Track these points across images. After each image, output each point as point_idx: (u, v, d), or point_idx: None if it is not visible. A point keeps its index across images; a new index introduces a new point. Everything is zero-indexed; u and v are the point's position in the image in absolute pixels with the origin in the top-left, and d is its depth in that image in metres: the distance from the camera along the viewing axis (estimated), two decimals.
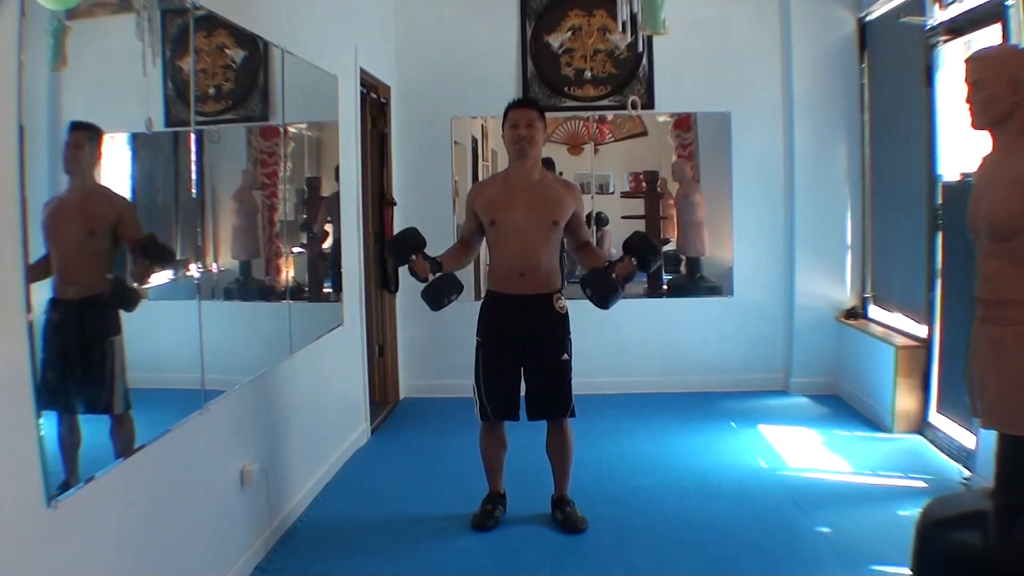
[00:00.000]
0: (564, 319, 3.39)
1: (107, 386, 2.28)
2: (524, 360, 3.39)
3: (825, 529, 3.36)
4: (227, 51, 3.05)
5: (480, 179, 5.70)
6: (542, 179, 3.43)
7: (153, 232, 2.54)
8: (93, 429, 2.22)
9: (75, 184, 2.15)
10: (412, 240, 3.32)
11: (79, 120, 2.16)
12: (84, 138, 2.18)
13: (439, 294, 3.30)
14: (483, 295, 3.52)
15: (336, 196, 4.27)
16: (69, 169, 2.11)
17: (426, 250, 3.30)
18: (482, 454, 3.54)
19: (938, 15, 4.17)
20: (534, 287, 3.33)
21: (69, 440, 2.09)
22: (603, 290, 3.26)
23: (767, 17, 5.44)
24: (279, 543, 3.30)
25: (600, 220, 5.55)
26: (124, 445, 2.29)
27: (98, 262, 2.29)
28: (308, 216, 4.08)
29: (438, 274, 3.29)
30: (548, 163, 5.37)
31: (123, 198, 2.40)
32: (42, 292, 1.97)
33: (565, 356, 3.39)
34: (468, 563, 3.18)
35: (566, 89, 5.54)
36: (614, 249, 5.71)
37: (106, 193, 2.32)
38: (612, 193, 5.66)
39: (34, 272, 1.88)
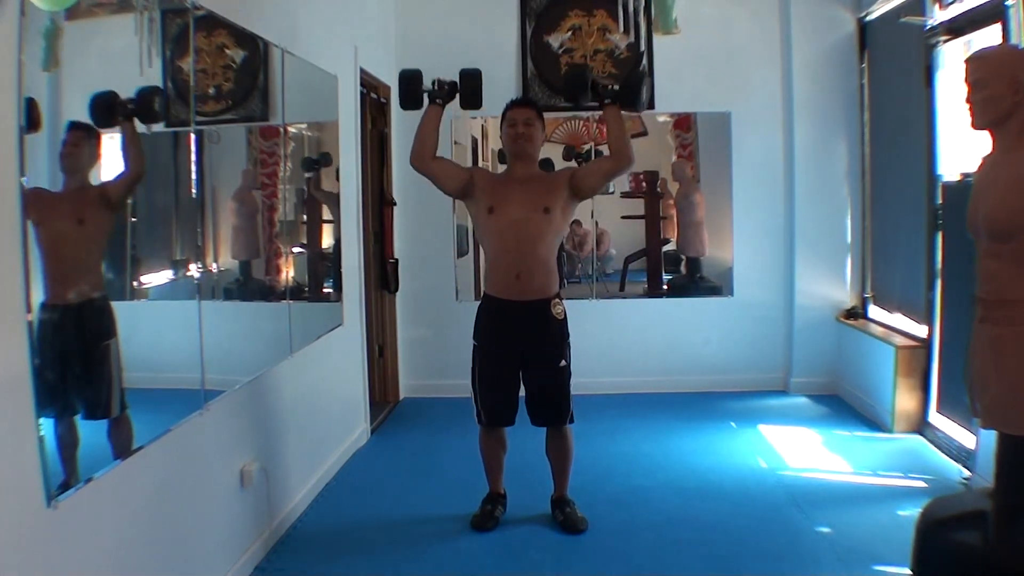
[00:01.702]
0: (562, 325, 3.38)
1: (103, 390, 2.27)
2: (523, 366, 3.39)
3: (825, 529, 3.36)
4: (227, 51, 3.05)
5: None
6: (536, 175, 3.44)
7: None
8: (92, 429, 2.21)
9: (70, 183, 2.15)
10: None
11: (77, 120, 2.16)
12: (82, 137, 2.18)
13: (412, 78, 3.35)
14: (481, 297, 3.50)
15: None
16: (65, 168, 2.11)
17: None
18: (482, 455, 3.54)
19: (938, 15, 4.16)
20: (531, 292, 3.31)
21: (68, 440, 2.09)
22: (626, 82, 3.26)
23: (767, 17, 5.44)
24: (279, 543, 3.30)
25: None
26: (122, 446, 2.29)
27: (89, 260, 2.28)
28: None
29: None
30: (547, 163, 5.37)
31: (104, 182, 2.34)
32: (35, 295, 1.97)
33: (563, 363, 3.38)
34: (468, 563, 3.18)
35: None
36: (613, 250, 5.73)
37: (94, 186, 2.29)
38: (612, 193, 5.65)
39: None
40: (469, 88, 3.37)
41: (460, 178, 3.38)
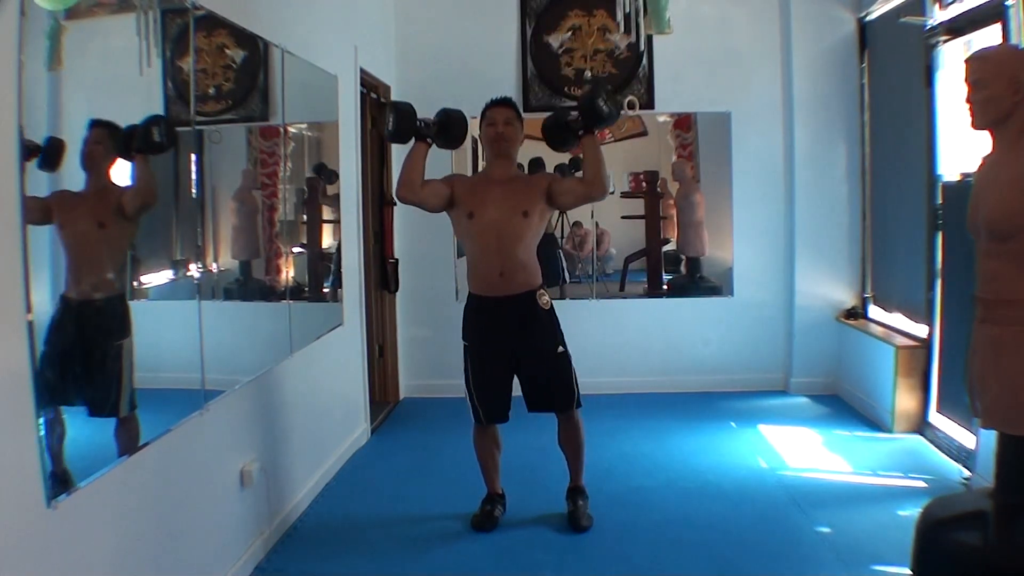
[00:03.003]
0: (550, 314, 3.38)
1: (115, 388, 2.27)
2: (517, 361, 3.39)
3: (825, 529, 3.36)
4: (227, 51, 3.05)
5: None
6: (515, 176, 3.44)
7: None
8: (96, 429, 2.22)
9: (92, 182, 2.16)
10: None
11: (98, 118, 2.17)
12: (103, 135, 2.18)
13: (406, 114, 3.25)
14: (465, 297, 3.50)
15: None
16: (86, 166, 2.12)
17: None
18: (477, 454, 3.54)
19: (938, 15, 4.16)
20: (515, 286, 3.31)
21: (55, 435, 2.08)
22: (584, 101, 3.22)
23: (767, 17, 5.44)
24: (279, 543, 3.30)
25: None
26: (128, 445, 2.29)
27: (108, 261, 2.29)
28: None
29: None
30: (539, 163, 5.37)
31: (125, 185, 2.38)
32: (44, 291, 1.97)
33: (561, 348, 3.39)
34: (468, 563, 3.18)
35: (566, 89, 5.53)
36: (613, 249, 5.73)
37: (115, 187, 2.32)
38: (612, 193, 5.63)
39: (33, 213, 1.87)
40: (455, 133, 3.35)
41: (444, 194, 3.35)
